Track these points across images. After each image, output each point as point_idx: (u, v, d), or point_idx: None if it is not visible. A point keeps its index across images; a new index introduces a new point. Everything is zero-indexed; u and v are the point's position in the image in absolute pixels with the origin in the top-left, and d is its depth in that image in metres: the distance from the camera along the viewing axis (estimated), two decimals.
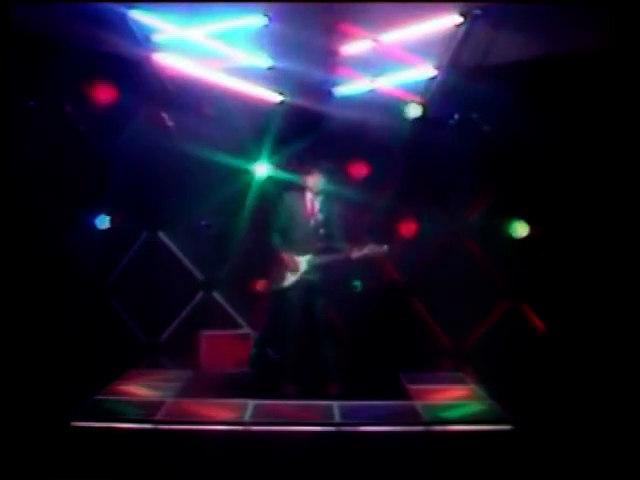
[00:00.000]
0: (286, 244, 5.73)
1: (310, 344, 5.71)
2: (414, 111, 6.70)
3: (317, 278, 5.73)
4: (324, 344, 5.74)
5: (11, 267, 4.94)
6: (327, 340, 5.77)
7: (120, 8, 5.49)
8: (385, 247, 5.74)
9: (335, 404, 5.29)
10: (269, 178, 7.00)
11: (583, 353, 5.97)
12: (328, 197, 5.81)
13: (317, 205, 5.77)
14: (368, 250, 5.66)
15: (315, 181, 5.75)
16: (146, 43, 5.94)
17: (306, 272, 5.69)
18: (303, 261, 5.70)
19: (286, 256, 5.70)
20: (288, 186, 6.06)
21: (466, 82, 6.34)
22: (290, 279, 5.71)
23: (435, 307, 6.96)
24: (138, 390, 5.83)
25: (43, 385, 5.29)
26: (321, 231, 5.71)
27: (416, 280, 7.05)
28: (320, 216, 5.74)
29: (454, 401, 5.62)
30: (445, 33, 5.71)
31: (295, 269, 5.69)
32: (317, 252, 5.71)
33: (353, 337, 6.95)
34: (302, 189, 5.82)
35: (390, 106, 6.66)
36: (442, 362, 6.82)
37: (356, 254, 5.65)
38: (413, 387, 5.93)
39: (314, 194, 5.77)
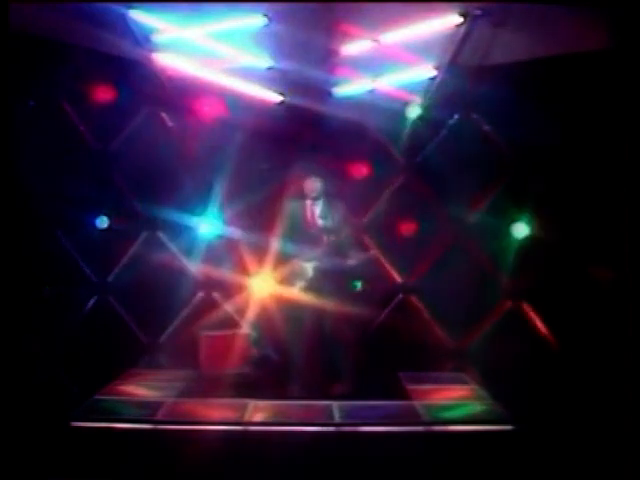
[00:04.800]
0: (293, 251, 5.71)
1: (316, 346, 5.70)
2: (414, 111, 6.71)
3: (323, 284, 5.69)
4: (330, 348, 5.74)
5: (11, 267, 4.93)
6: (333, 344, 5.76)
7: (120, 8, 5.48)
8: (371, 253, 5.89)
9: (335, 404, 5.28)
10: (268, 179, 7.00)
11: (584, 353, 5.97)
12: (328, 202, 5.77)
13: (317, 211, 5.74)
14: (363, 256, 5.71)
15: (312, 186, 5.72)
16: (146, 43, 5.94)
17: (312, 279, 5.68)
18: (309, 268, 5.68)
19: (294, 262, 5.68)
20: (291, 194, 6.04)
21: (466, 82, 6.35)
22: (298, 285, 5.70)
23: (435, 307, 6.95)
24: (138, 390, 5.83)
25: (43, 385, 5.28)
26: (325, 238, 5.68)
27: (416, 280, 7.05)
28: (321, 222, 5.71)
29: (454, 401, 5.62)
30: (445, 33, 5.70)
31: (302, 276, 5.67)
32: (322, 259, 5.67)
33: (353, 337, 6.94)
34: (303, 196, 5.79)
35: (390, 106, 6.67)
36: (442, 362, 6.81)
37: (351, 262, 5.64)
38: (413, 387, 5.93)
39: (312, 200, 5.74)
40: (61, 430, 4.64)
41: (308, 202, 5.74)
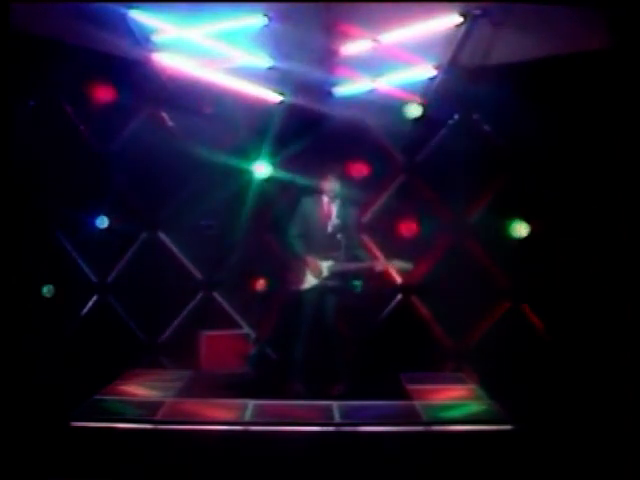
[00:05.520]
0: (306, 249, 5.72)
1: (318, 344, 5.71)
2: (414, 111, 6.71)
3: (335, 284, 5.72)
4: (332, 345, 5.75)
5: (11, 267, 4.93)
6: (335, 341, 5.77)
7: (120, 8, 5.48)
8: (411, 265, 5.76)
9: (335, 404, 5.29)
10: (269, 178, 7.00)
11: (583, 353, 5.97)
12: (345, 202, 5.80)
13: (334, 210, 5.76)
14: (395, 266, 5.69)
15: (331, 186, 5.74)
16: (146, 43, 5.94)
17: (326, 277, 5.68)
18: (324, 266, 5.69)
19: (310, 260, 5.66)
20: (305, 191, 6.04)
21: (466, 82, 6.35)
22: (310, 282, 5.69)
23: (435, 307, 6.95)
24: (138, 390, 5.83)
25: (43, 385, 5.29)
26: (339, 237, 5.68)
27: (416, 280, 7.05)
28: (337, 221, 5.72)
29: (454, 401, 5.62)
30: (445, 33, 5.70)
31: (318, 273, 5.67)
32: (338, 259, 5.67)
33: (353, 337, 6.94)
34: (319, 194, 5.81)
35: (390, 106, 6.67)
36: (442, 362, 6.81)
37: (380, 268, 5.65)
38: (413, 387, 5.93)
39: (330, 199, 5.77)
40: (61, 430, 4.64)
41: (325, 200, 5.77)
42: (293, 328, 5.77)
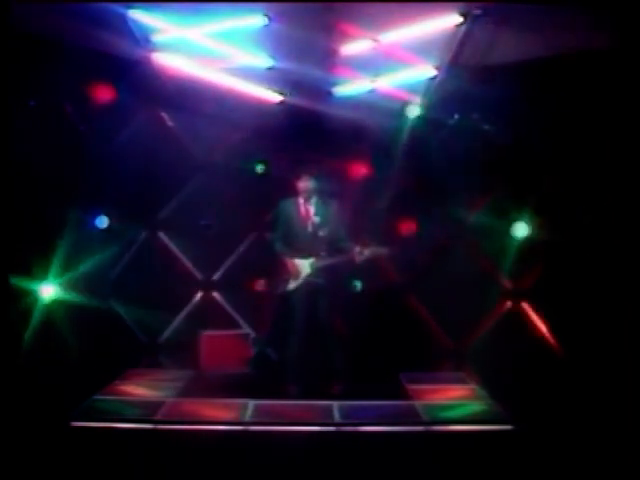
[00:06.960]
0: (289, 249, 5.75)
1: (314, 345, 5.71)
2: (414, 111, 6.72)
3: (321, 280, 5.73)
4: (328, 345, 5.75)
5: (11, 267, 4.93)
6: (331, 341, 5.78)
7: (120, 8, 5.48)
8: (386, 249, 5.82)
9: (335, 404, 5.29)
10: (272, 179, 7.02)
11: (583, 353, 5.97)
12: (322, 199, 5.81)
13: (311, 208, 5.78)
14: (370, 253, 5.70)
15: (305, 185, 5.76)
16: (146, 43, 5.94)
17: (309, 275, 5.70)
18: (306, 264, 5.70)
19: (288, 261, 5.71)
20: (284, 193, 6.07)
21: (466, 82, 6.35)
22: (293, 283, 5.73)
23: (435, 307, 6.95)
24: (138, 390, 5.83)
25: (43, 385, 5.28)
26: (321, 233, 5.71)
27: (416, 280, 7.05)
28: (316, 219, 5.74)
29: (454, 401, 5.62)
30: (445, 33, 5.71)
31: (297, 274, 5.69)
32: (321, 255, 5.71)
33: (353, 337, 6.95)
34: (296, 194, 5.83)
35: (390, 106, 6.67)
36: (442, 362, 6.82)
37: (359, 257, 5.66)
38: (413, 387, 5.93)
39: (306, 198, 5.78)
40: (61, 430, 4.64)
41: (301, 200, 5.79)
42: (284, 328, 5.79)
